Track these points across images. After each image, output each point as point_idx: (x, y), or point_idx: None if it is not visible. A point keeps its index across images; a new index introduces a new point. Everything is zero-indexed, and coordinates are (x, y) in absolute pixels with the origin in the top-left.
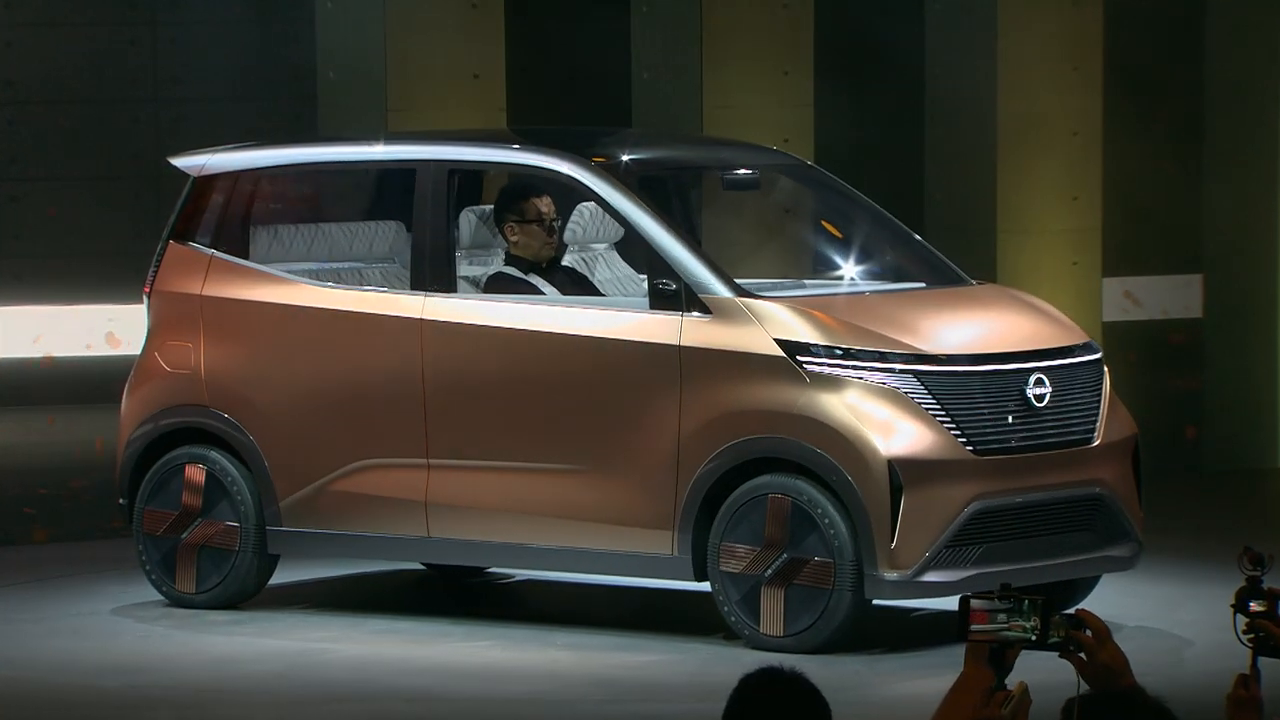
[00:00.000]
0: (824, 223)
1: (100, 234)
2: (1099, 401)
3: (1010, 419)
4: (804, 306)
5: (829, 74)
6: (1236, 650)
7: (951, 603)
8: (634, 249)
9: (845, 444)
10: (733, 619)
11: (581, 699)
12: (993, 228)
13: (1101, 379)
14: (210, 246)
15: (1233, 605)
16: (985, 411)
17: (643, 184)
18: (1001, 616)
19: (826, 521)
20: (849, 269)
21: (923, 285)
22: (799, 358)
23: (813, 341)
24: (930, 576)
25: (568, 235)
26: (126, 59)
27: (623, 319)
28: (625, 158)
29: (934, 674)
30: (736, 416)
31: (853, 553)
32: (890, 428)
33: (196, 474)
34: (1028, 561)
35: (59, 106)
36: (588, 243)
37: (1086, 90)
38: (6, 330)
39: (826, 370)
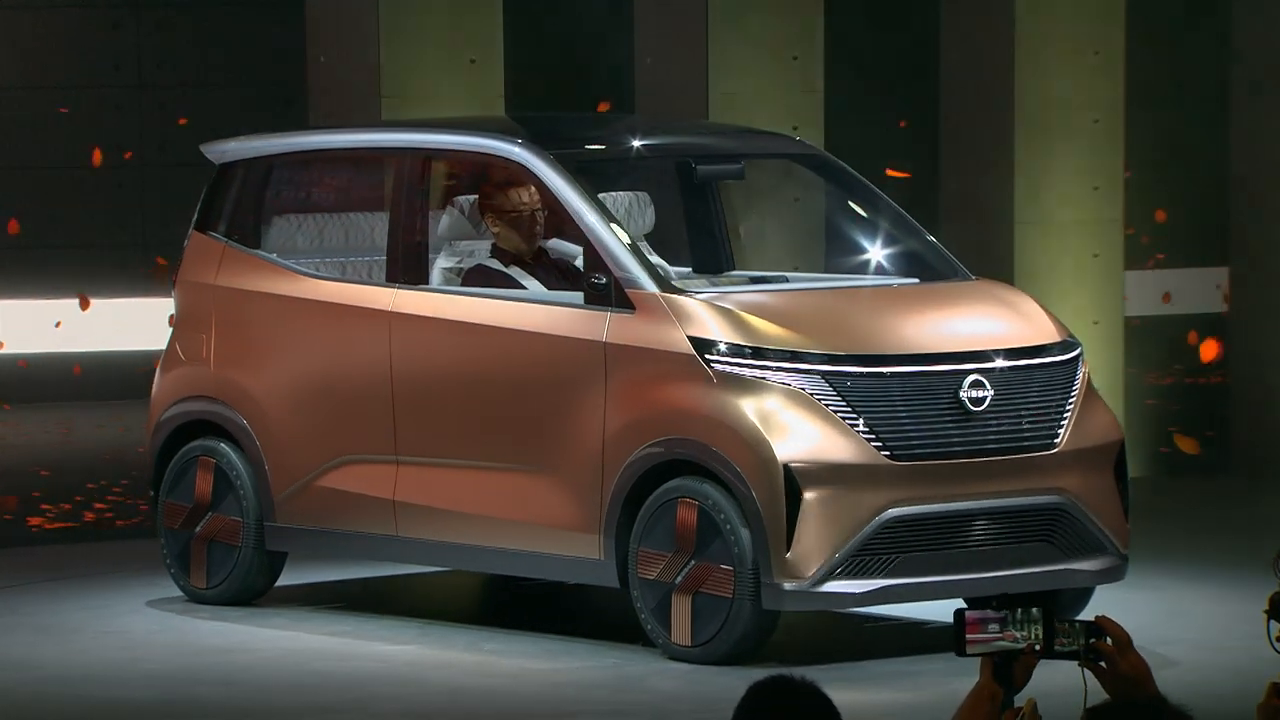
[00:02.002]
0: (850, 203)
1: (80, 224)
2: (1065, 405)
3: (939, 423)
4: (726, 304)
5: (840, 58)
6: (1269, 658)
7: (915, 610)
8: (654, 237)
9: (744, 447)
10: (649, 627)
11: (435, 709)
12: (1010, 218)
13: (1072, 381)
14: (225, 236)
15: (1266, 611)
16: (906, 415)
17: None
18: (993, 627)
19: (728, 528)
20: (839, 262)
21: (914, 281)
22: (707, 356)
23: (722, 340)
24: (832, 586)
25: None
26: (109, 43)
27: (555, 315)
28: (593, 145)
29: (939, 681)
30: (652, 417)
31: (752, 560)
32: (791, 431)
33: (207, 468)
34: (958, 573)
35: (38, 92)
36: None
37: (1108, 75)
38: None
39: (733, 370)
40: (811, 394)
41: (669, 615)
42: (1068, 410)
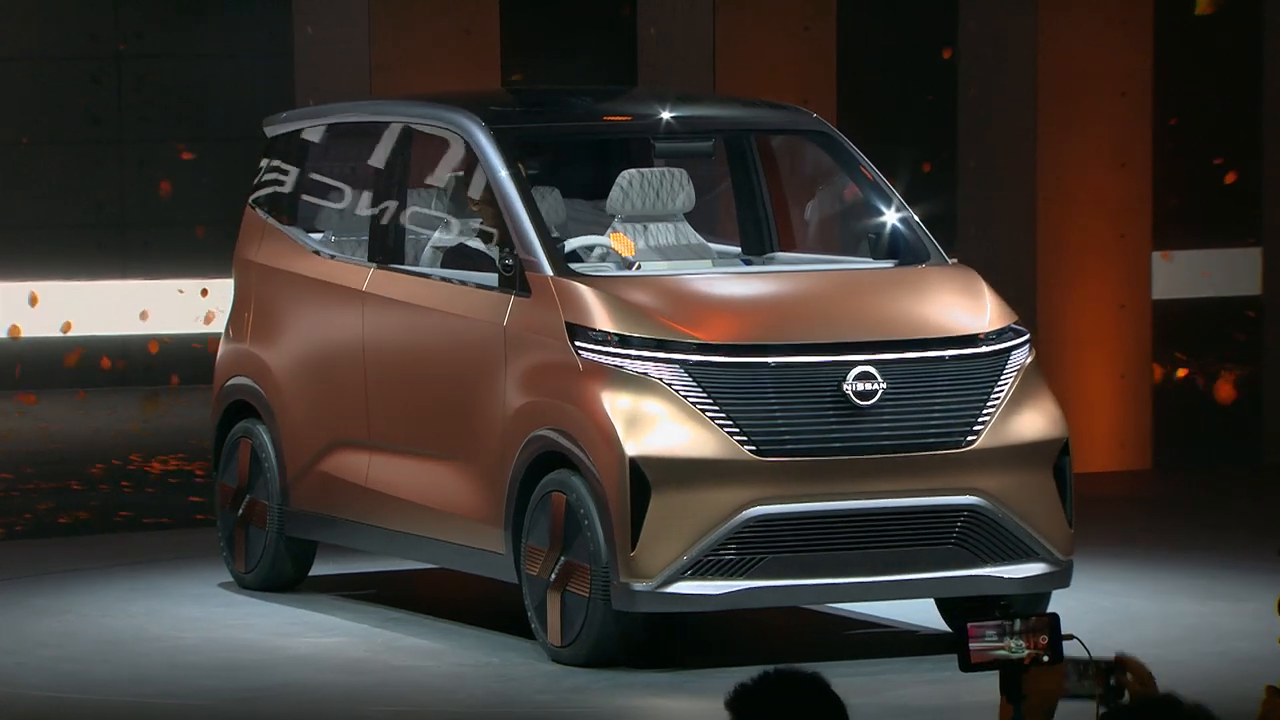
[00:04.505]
0: (844, 182)
1: (58, 203)
2: (987, 399)
3: (818, 418)
4: (612, 289)
5: (853, 28)
6: (1268, 658)
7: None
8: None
9: (597, 440)
10: (534, 625)
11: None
12: (1032, 197)
13: (999, 374)
14: (267, 211)
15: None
16: (779, 409)
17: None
18: (990, 635)
19: (587, 523)
20: (821, 243)
21: (887, 265)
22: (577, 343)
23: (591, 327)
24: (682, 587)
25: (608, 205)
26: (85, 12)
27: (471, 297)
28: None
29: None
30: (535, 407)
31: (605, 559)
32: (643, 424)
33: (245, 449)
34: (843, 576)
35: (10, 64)
36: (636, 215)
37: (1135, 46)
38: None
39: (598, 358)
40: (670, 385)
41: (545, 614)
42: (990, 405)
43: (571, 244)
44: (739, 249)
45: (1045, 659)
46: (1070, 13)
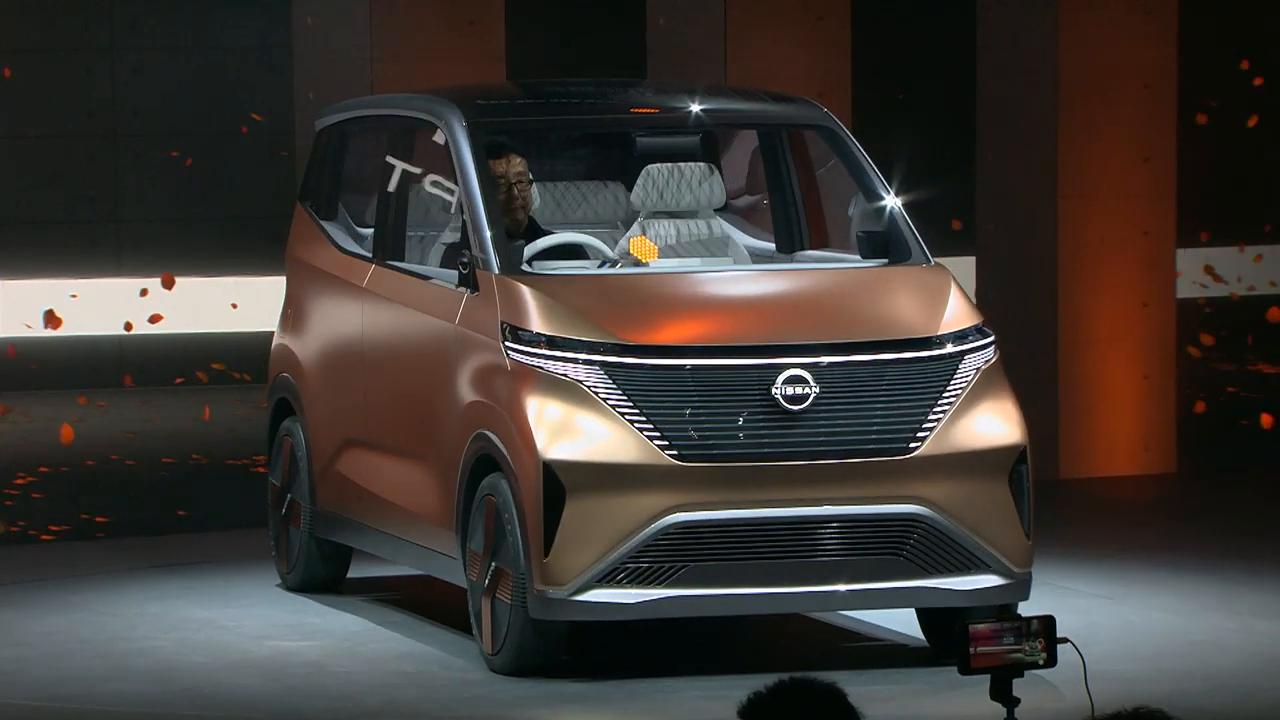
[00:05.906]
0: (841, 178)
1: (49, 199)
2: (934, 405)
3: (746, 422)
4: (546, 289)
5: (868, 19)
6: (1265, 671)
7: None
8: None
9: (516, 443)
10: (475, 631)
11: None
12: (1053, 193)
13: (949, 379)
14: (310, 207)
15: None
16: (703, 413)
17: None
18: (1008, 639)
19: (510, 528)
20: (842, 243)
21: (872, 264)
22: (507, 344)
23: (520, 328)
24: (597, 595)
25: (634, 202)
26: (78, 5)
27: (434, 295)
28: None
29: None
30: (475, 407)
31: (524, 565)
32: (560, 427)
33: (287, 448)
34: (763, 586)
35: (3, 58)
36: (656, 211)
37: (1159, 38)
38: None
39: (525, 359)
40: (591, 387)
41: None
42: (938, 410)
43: (539, 243)
44: (774, 247)
45: (1040, 662)
46: (1092, 3)
